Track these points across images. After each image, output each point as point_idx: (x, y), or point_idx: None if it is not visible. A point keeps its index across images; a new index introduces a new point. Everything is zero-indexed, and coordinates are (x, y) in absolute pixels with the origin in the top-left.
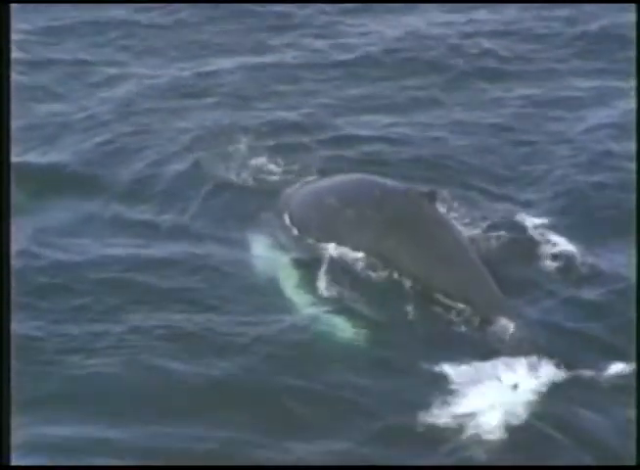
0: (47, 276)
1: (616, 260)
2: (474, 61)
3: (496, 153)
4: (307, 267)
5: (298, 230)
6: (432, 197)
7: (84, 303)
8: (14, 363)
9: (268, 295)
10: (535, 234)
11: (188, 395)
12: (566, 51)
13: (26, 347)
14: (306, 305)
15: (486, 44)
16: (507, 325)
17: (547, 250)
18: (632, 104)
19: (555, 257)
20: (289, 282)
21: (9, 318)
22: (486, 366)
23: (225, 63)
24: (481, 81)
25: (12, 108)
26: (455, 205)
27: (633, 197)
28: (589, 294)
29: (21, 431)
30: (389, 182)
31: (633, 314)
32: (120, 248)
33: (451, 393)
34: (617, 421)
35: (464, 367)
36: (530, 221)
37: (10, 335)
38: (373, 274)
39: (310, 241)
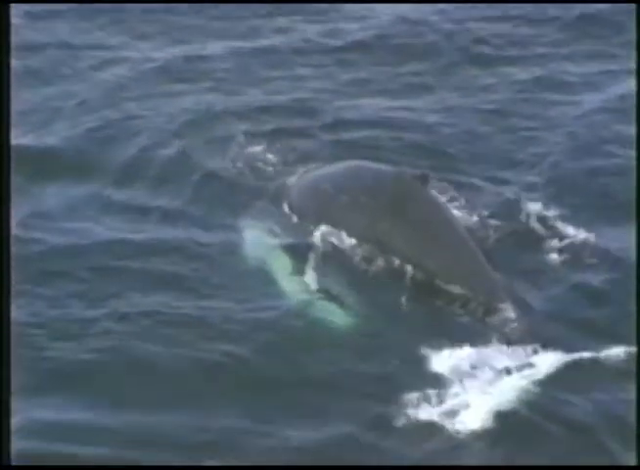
0: (38, 261)
1: (615, 245)
2: (468, 46)
3: (492, 138)
4: (301, 254)
5: (293, 217)
6: (424, 179)
7: (76, 288)
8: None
9: (262, 281)
10: (532, 219)
11: (184, 381)
12: (561, 36)
13: (20, 333)
14: (301, 290)
15: (481, 29)
16: (503, 309)
17: (544, 234)
18: (627, 88)
19: (552, 241)
20: (282, 268)
21: (9, 319)
22: (483, 351)
23: (218, 47)
24: (476, 67)
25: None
26: (451, 190)
27: (632, 181)
28: (588, 279)
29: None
30: (383, 167)
31: (633, 300)
32: (113, 232)
33: (446, 379)
34: (617, 408)
35: (461, 353)
36: (527, 206)
37: (9, 341)
38: (367, 259)
39: (304, 227)
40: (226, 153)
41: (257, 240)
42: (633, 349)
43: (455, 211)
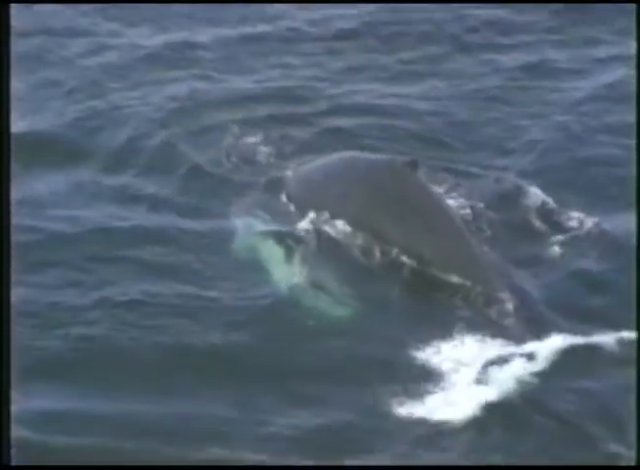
0: (26, 249)
1: (612, 232)
2: (459, 34)
3: (484, 126)
4: (294, 243)
5: (285, 207)
6: (413, 166)
7: (66, 275)
8: None
9: (254, 270)
10: (527, 206)
11: (176, 370)
12: (553, 23)
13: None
14: (293, 280)
15: (472, 17)
16: (500, 297)
17: (539, 221)
18: (619, 75)
19: (548, 228)
20: (275, 258)
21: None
22: (479, 340)
23: (207, 35)
24: (468, 55)
25: None
26: (445, 177)
27: (627, 168)
28: (586, 266)
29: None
30: (375, 156)
31: (633, 288)
32: (103, 221)
33: (441, 368)
34: (616, 394)
35: (456, 341)
36: (522, 193)
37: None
38: (360, 247)
39: (297, 217)
40: (217, 141)
41: (250, 229)
42: (633, 336)
43: (449, 199)
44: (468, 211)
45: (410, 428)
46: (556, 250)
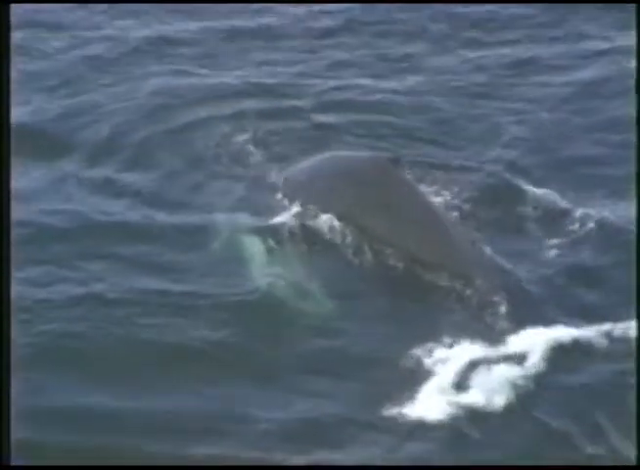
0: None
1: (603, 224)
2: (451, 28)
3: (477, 119)
4: (279, 239)
5: (270, 203)
6: (396, 162)
7: (51, 270)
8: None
9: (238, 266)
10: (519, 200)
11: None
12: (542, 17)
13: None
14: (277, 276)
15: (464, 11)
16: (483, 288)
17: (526, 214)
18: (610, 69)
19: (535, 218)
20: (259, 254)
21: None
22: (467, 334)
23: (194, 29)
24: (459, 48)
25: None
26: (436, 172)
27: (618, 160)
28: (579, 259)
29: None
30: (359, 154)
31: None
32: (86, 214)
33: (428, 364)
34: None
35: (442, 338)
36: (514, 187)
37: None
38: (344, 244)
39: (282, 213)
40: (201, 137)
41: (234, 226)
42: (628, 332)
43: (434, 195)
44: (454, 206)
45: (395, 425)
46: (545, 244)
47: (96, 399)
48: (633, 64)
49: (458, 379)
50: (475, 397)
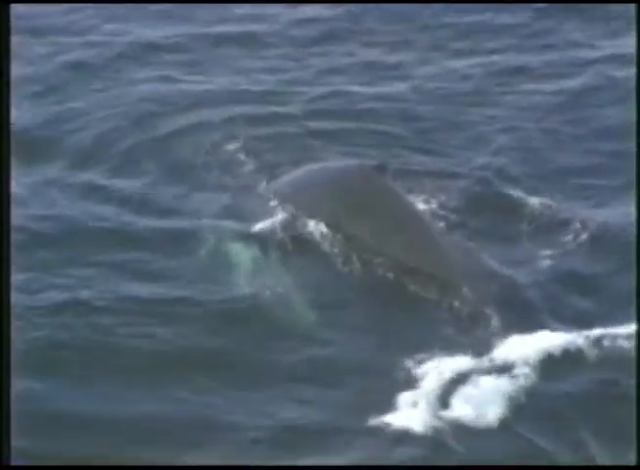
0: None
1: (596, 231)
2: (442, 35)
3: (467, 126)
4: (266, 247)
5: (257, 211)
6: (382, 170)
7: (36, 275)
8: None
9: (226, 273)
10: (502, 204)
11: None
12: (536, 25)
13: None
14: (265, 283)
15: (455, 18)
16: (472, 297)
17: (515, 219)
18: (602, 76)
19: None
20: (246, 261)
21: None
22: (457, 343)
23: (183, 34)
24: (450, 55)
25: None
26: (426, 178)
27: (611, 165)
28: (569, 265)
29: None
30: (345, 162)
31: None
32: (74, 220)
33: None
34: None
35: (426, 346)
36: (497, 192)
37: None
38: (330, 251)
39: (269, 221)
40: (190, 142)
41: (221, 232)
42: (620, 341)
43: (421, 202)
44: (441, 214)
45: (381, 434)
46: (534, 252)
47: (82, 406)
48: (623, 72)
49: (444, 389)
50: (461, 406)
